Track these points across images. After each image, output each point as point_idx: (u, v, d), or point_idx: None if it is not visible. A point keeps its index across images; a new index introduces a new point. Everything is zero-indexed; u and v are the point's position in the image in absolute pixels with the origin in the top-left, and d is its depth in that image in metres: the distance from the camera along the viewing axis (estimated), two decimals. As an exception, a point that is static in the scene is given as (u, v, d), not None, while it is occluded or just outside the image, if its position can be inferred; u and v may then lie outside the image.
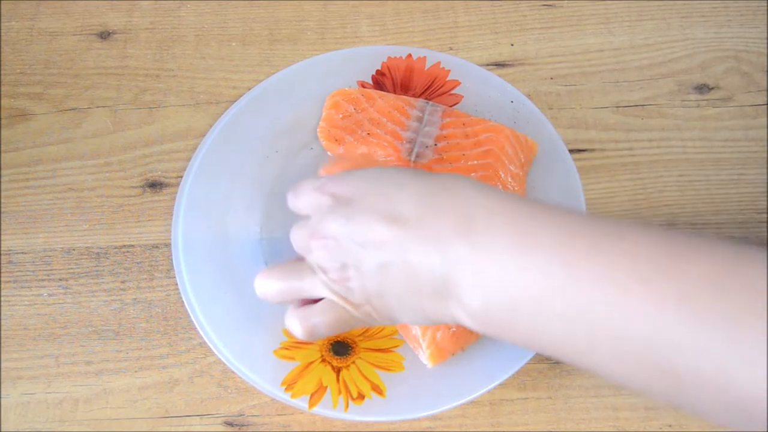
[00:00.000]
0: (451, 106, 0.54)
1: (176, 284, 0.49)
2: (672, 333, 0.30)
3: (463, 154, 0.50)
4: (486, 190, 0.37)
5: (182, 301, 0.48)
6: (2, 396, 0.47)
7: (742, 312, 0.29)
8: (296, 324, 0.41)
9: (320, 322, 0.40)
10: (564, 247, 0.33)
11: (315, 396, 0.44)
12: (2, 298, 0.50)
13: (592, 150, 0.55)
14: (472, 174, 0.49)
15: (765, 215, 0.52)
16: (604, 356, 0.33)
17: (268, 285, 0.42)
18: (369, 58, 0.57)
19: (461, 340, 0.45)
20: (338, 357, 0.46)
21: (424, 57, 0.57)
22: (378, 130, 0.52)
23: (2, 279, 0.51)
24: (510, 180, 0.49)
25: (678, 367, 0.30)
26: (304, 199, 0.41)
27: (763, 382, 0.29)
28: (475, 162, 0.50)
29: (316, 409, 0.44)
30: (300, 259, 0.42)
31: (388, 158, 0.51)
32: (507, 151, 0.50)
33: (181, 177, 0.53)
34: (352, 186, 0.39)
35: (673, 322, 0.30)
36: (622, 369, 0.33)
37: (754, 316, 0.29)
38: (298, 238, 0.41)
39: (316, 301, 0.41)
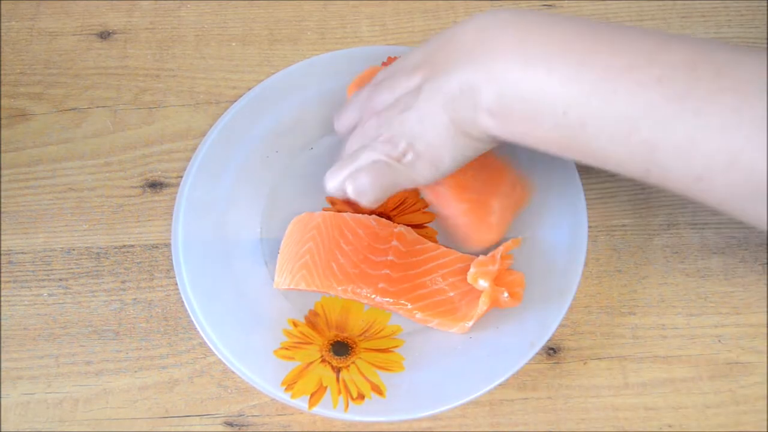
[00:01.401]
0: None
1: (176, 284, 0.49)
2: (652, 110, 0.36)
3: None
4: (499, 8, 0.44)
5: (182, 301, 0.48)
6: (2, 396, 0.47)
7: (709, 91, 0.35)
8: (347, 184, 0.44)
9: (366, 182, 0.44)
10: (564, 49, 0.38)
11: (315, 396, 0.44)
12: (2, 298, 0.50)
13: (592, 150, 0.55)
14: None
15: (765, 215, 0.52)
16: (594, 138, 0.38)
17: (335, 181, 0.45)
18: (369, 58, 0.56)
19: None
20: (338, 357, 0.46)
21: (424, 57, 0.57)
22: None
23: (2, 279, 0.51)
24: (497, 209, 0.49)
25: (655, 139, 0.36)
26: (349, 113, 0.48)
27: (725, 153, 0.35)
28: None
29: (316, 409, 0.44)
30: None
31: None
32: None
33: (181, 177, 0.53)
34: (396, 64, 0.46)
35: (653, 100, 0.36)
36: (608, 145, 0.38)
37: (720, 94, 0.35)
38: (352, 138, 0.46)
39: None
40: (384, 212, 0.51)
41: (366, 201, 0.45)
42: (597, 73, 0.37)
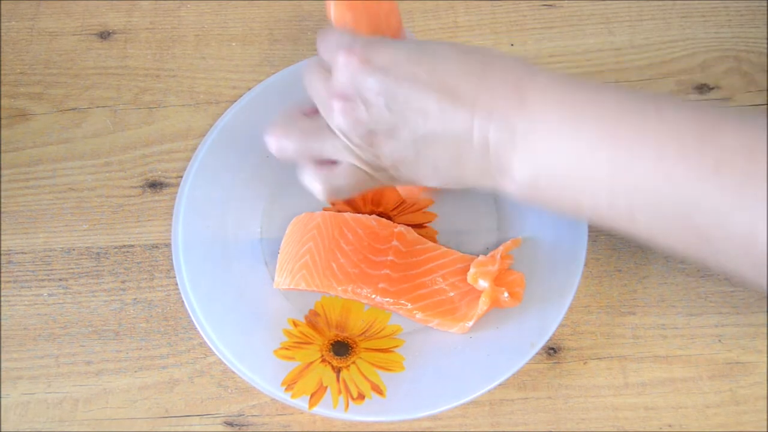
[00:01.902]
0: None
1: (176, 284, 0.49)
2: (709, 197, 0.34)
3: None
4: (534, 68, 0.39)
5: (182, 301, 0.48)
6: (2, 396, 0.47)
7: None
8: (318, 187, 0.42)
9: (343, 185, 0.42)
10: (611, 124, 0.36)
11: (315, 396, 0.44)
12: (2, 298, 0.50)
13: (592, 150, 0.55)
14: None
15: (765, 215, 0.52)
16: (645, 221, 0.36)
17: (286, 145, 0.42)
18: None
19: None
20: (338, 357, 0.46)
21: (424, 57, 0.56)
22: None
23: (2, 279, 0.51)
24: None
25: (712, 227, 0.34)
26: (328, 50, 0.41)
27: None
28: None
29: (316, 409, 0.44)
30: (314, 112, 0.42)
31: None
32: None
33: (181, 177, 0.53)
34: (389, 54, 0.39)
35: (710, 188, 0.33)
36: (659, 232, 0.36)
37: None
38: (317, 89, 0.41)
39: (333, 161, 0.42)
40: (384, 212, 0.51)
41: (338, 199, 0.44)
42: (649, 160, 0.35)
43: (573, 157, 0.36)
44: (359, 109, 0.39)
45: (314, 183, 0.43)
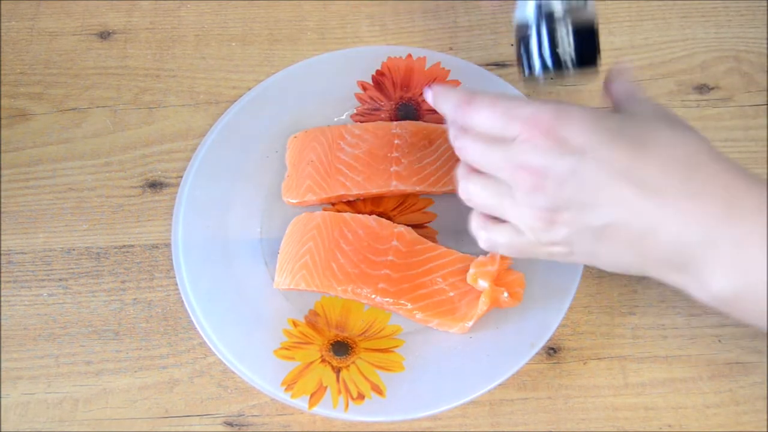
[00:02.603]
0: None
1: (176, 284, 0.49)
2: None
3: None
4: (744, 174, 0.37)
5: (182, 301, 0.48)
6: (2, 396, 0.47)
7: None
8: (481, 235, 0.42)
9: (504, 243, 0.41)
10: None
11: (315, 396, 0.44)
12: (2, 298, 0.50)
13: (592, 150, 0.55)
14: None
15: (765, 215, 0.52)
16: None
17: (470, 188, 0.41)
18: (369, 58, 0.57)
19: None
20: (338, 357, 0.46)
21: (424, 57, 0.57)
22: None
23: (2, 279, 0.51)
24: None
25: None
26: (497, 116, 0.39)
27: None
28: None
29: (316, 409, 0.44)
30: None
31: None
32: None
33: (181, 177, 0.53)
34: (583, 132, 0.37)
35: None
36: None
37: None
38: (491, 158, 0.39)
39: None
40: (384, 212, 0.51)
41: (494, 252, 0.43)
42: None
43: None
44: (546, 184, 0.37)
45: (479, 231, 0.42)
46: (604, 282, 0.49)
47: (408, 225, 0.50)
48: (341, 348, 0.46)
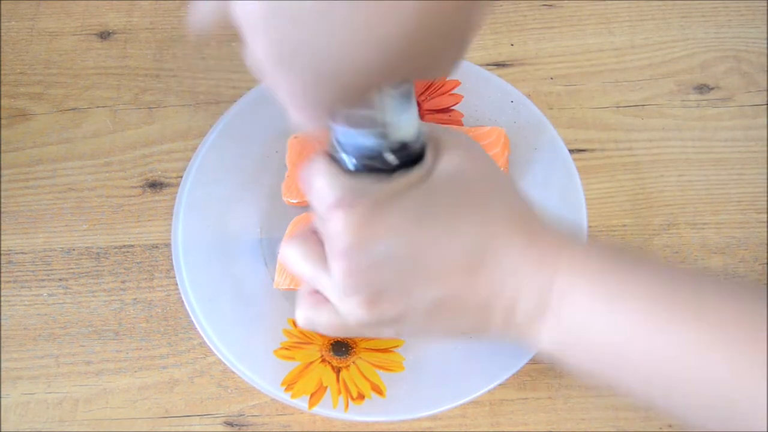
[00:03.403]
0: (451, 107, 0.54)
1: (176, 284, 0.49)
2: (754, 392, 0.31)
3: None
4: (561, 236, 0.36)
5: (182, 301, 0.48)
6: (2, 396, 0.47)
7: None
8: (300, 314, 0.40)
9: (325, 324, 0.39)
10: (650, 308, 0.33)
11: (315, 396, 0.44)
12: (2, 298, 0.50)
13: (592, 150, 0.55)
14: None
15: (765, 215, 0.52)
16: (682, 399, 0.33)
17: (295, 260, 0.38)
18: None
19: None
20: (338, 357, 0.46)
21: (424, 57, 0.56)
22: None
23: (2, 279, 0.51)
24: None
25: (758, 425, 0.31)
26: (317, 198, 0.37)
27: None
28: None
29: (316, 409, 0.44)
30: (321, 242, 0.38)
31: None
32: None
33: (181, 177, 0.53)
34: (401, 212, 0.35)
35: (755, 384, 0.31)
36: (694, 411, 0.33)
37: None
38: (321, 229, 0.37)
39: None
40: None
41: (310, 330, 0.41)
42: (689, 354, 0.32)
43: (607, 335, 0.34)
44: (362, 274, 0.35)
45: (299, 309, 0.40)
46: (604, 282, 0.49)
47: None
48: (341, 348, 0.46)
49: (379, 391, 0.44)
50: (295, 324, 0.47)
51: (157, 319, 0.49)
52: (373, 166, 0.36)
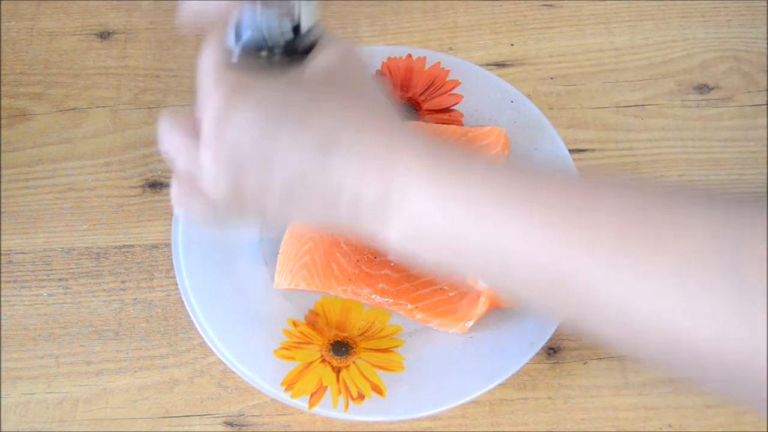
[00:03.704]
0: (451, 107, 0.54)
1: (176, 284, 0.49)
2: (580, 271, 0.32)
3: None
4: (407, 128, 0.38)
5: (182, 301, 0.48)
6: (2, 396, 0.47)
7: (643, 249, 0.31)
8: (180, 204, 0.40)
9: (197, 208, 0.40)
10: (478, 193, 0.35)
11: (315, 396, 0.44)
12: (2, 298, 0.50)
13: (592, 150, 0.55)
14: None
15: (765, 215, 0.52)
16: (517, 283, 0.35)
17: (169, 134, 0.39)
18: (369, 58, 0.56)
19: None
20: (338, 357, 0.46)
21: (424, 57, 0.57)
22: None
23: (2, 279, 0.51)
24: None
25: (584, 299, 0.33)
26: (201, 83, 0.38)
27: (658, 308, 0.31)
28: None
29: (316, 409, 0.44)
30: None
31: None
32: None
33: (181, 177, 0.53)
34: (258, 111, 0.37)
35: (581, 260, 0.32)
36: (529, 293, 0.36)
37: (655, 254, 0.31)
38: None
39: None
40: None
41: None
42: (514, 228, 0.34)
43: (442, 222, 0.35)
44: (225, 156, 0.37)
45: (179, 198, 0.40)
46: (604, 282, 0.49)
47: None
48: (341, 348, 0.46)
49: (379, 391, 0.44)
50: (295, 324, 0.47)
51: (157, 319, 0.49)
52: (258, 59, 0.39)
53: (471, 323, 0.46)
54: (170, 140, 0.40)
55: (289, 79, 0.38)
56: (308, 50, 0.39)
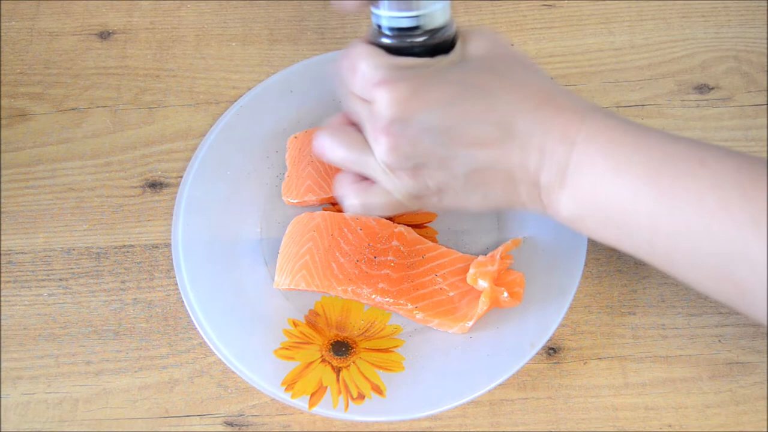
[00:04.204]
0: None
1: (176, 284, 0.49)
2: (748, 251, 0.34)
3: None
4: (587, 106, 0.39)
5: (182, 301, 0.48)
6: (2, 396, 0.47)
7: None
8: (354, 202, 0.43)
9: (379, 204, 0.42)
10: (654, 170, 0.36)
11: (315, 396, 0.44)
12: (2, 298, 0.50)
13: (592, 150, 0.55)
14: None
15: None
16: (682, 266, 0.37)
17: (332, 149, 0.42)
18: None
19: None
20: (338, 357, 0.46)
21: (424, 57, 0.57)
22: None
23: (2, 279, 0.51)
24: None
25: (747, 280, 0.34)
26: (363, 80, 0.40)
27: None
28: None
29: (316, 409, 0.44)
30: (356, 125, 0.42)
31: None
32: None
33: (181, 177, 0.53)
34: (438, 89, 0.39)
35: (748, 240, 0.33)
36: (695, 277, 0.37)
37: None
38: (360, 114, 0.41)
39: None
40: None
41: (368, 216, 0.45)
42: (689, 208, 0.35)
43: (616, 199, 0.37)
44: (406, 146, 0.39)
45: (349, 197, 0.44)
46: (604, 282, 0.49)
47: (408, 225, 0.50)
48: (341, 348, 0.46)
49: (379, 391, 0.44)
50: (295, 324, 0.47)
51: (157, 319, 0.49)
52: (409, 50, 0.41)
53: (471, 323, 0.46)
54: (335, 153, 0.42)
55: (456, 70, 0.40)
56: (443, 43, 0.42)
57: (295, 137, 0.53)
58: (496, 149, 0.39)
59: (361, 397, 0.44)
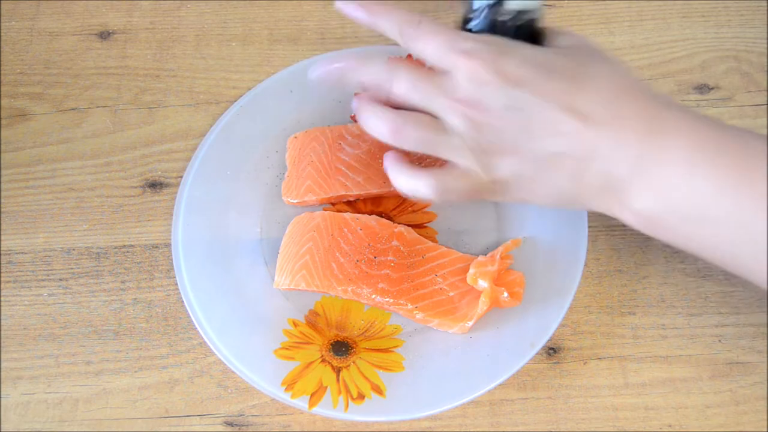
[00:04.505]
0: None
1: (176, 284, 0.49)
2: None
3: None
4: (668, 100, 0.39)
5: (182, 301, 0.48)
6: (2, 396, 0.47)
7: None
8: (430, 185, 0.40)
9: (457, 187, 0.40)
10: (738, 170, 0.36)
11: (315, 396, 0.44)
12: (2, 298, 0.50)
13: (592, 150, 0.55)
14: None
15: (765, 215, 0.52)
16: (746, 262, 0.37)
17: (411, 133, 0.40)
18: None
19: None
20: (338, 357, 0.46)
21: (424, 57, 0.57)
22: None
23: (2, 279, 0.51)
24: None
25: None
26: (438, 48, 0.39)
27: None
28: None
29: (316, 409, 0.44)
30: (393, 104, 0.41)
31: None
32: None
33: (181, 177, 0.53)
34: (521, 66, 0.38)
35: None
36: (757, 272, 0.37)
37: None
38: (428, 89, 0.39)
39: (437, 159, 0.41)
40: (384, 212, 0.51)
41: (443, 202, 0.43)
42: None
43: (697, 197, 0.36)
44: (486, 119, 0.38)
45: (427, 180, 0.40)
46: (604, 282, 0.49)
47: (408, 225, 0.50)
48: (341, 348, 0.46)
49: (379, 391, 0.44)
50: (295, 324, 0.47)
51: (157, 319, 0.49)
52: (492, 28, 0.41)
53: (471, 323, 0.46)
54: (410, 118, 0.40)
55: (545, 52, 0.40)
56: (526, 26, 0.42)
57: (295, 137, 0.53)
58: (572, 135, 0.38)
59: (361, 397, 0.44)
